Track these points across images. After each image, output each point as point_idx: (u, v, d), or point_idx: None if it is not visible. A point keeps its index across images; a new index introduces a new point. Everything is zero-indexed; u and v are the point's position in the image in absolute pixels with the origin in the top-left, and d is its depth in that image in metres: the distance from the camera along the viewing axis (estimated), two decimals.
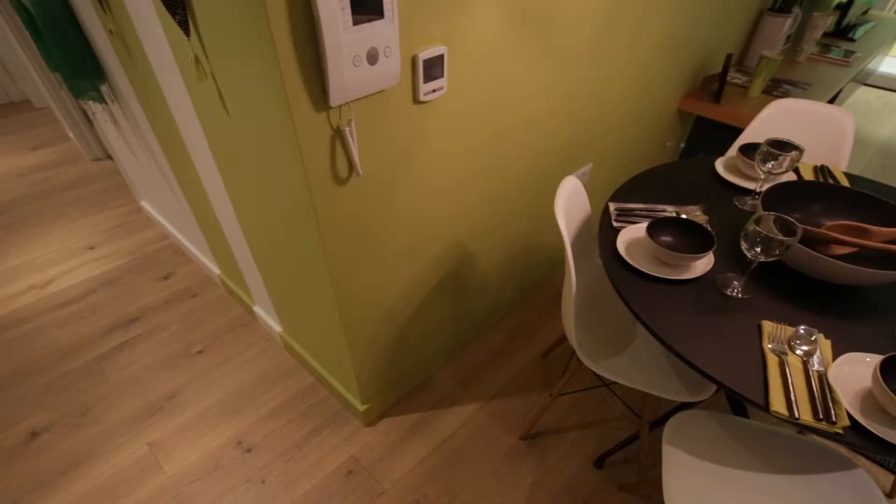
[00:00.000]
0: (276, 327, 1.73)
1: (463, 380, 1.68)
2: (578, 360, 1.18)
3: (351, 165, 0.94)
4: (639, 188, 1.26)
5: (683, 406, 1.20)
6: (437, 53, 0.91)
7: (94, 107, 1.91)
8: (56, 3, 1.40)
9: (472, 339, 1.80)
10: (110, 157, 2.93)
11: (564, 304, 1.12)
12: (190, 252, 2.14)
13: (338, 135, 0.88)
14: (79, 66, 1.52)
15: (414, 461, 1.45)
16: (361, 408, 1.47)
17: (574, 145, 1.57)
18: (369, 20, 0.75)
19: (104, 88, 1.65)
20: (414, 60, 0.90)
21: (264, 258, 1.40)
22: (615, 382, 1.56)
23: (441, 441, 1.50)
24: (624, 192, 1.24)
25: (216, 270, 1.98)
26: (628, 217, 1.13)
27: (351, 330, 1.24)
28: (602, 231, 1.11)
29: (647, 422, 1.29)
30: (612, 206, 1.16)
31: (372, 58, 0.79)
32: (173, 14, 0.87)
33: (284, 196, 1.01)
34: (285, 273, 1.32)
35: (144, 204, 2.39)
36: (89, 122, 2.76)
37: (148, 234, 2.33)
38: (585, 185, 1.78)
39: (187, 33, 0.90)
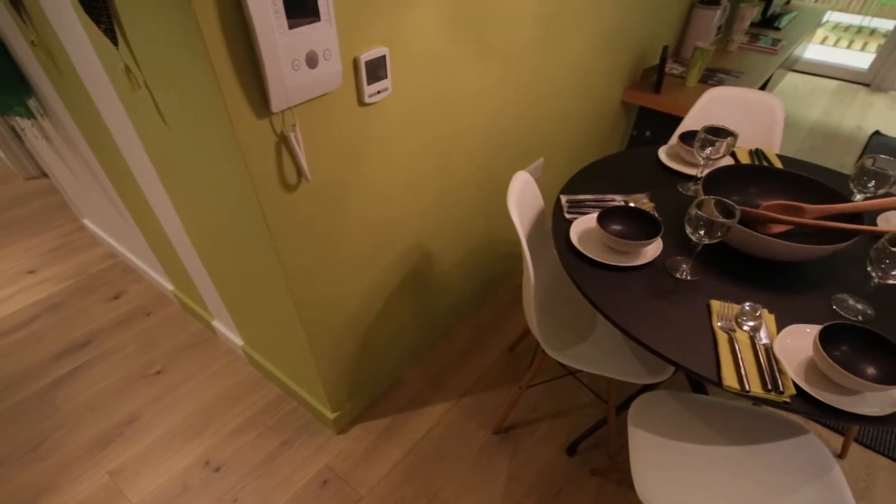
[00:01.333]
0: (238, 341, 1.68)
1: (433, 379, 1.68)
2: (544, 351, 1.20)
3: (299, 171, 0.92)
4: (588, 179, 1.28)
5: (646, 388, 1.24)
6: (378, 55, 0.90)
7: (21, 122, 1.79)
8: None
9: (439, 338, 1.81)
10: (46, 175, 2.76)
11: (525, 297, 1.13)
12: (140, 269, 2.05)
13: (283, 141, 0.86)
14: (1, 81, 1.42)
15: (389, 465, 1.44)
16: (331, 416, 1.45)
17: (524, 141, 1.59)
18: (306, 23, 0.74)
19: (31, 103, 1.56)
20: (356, 62, 0.89)
21: (218, 271, 1.35)
22: (580, 370, 1.59)
23: (415, 442, 1.50)
24: (574, 184, 1.26)
25: (169, 287, 1.90)
26: (579, 208, 1.15)
27: (314, 338, 1.22)
28: (555, 223, 1.13)
29: (614, 406, 1.33)
30: (563, 199, 1.18)
31: (312, 61, 0.77)
32: (98, 23, 0.83)
33: (232, 206, 0.98)
34: (241, 285, 1.28)
35: (87, 222, 2.27)
36: (19, 139, 2.60)
37: (93, 254, 2.22)
38: (538, 179, 1.81)
39: (115, 42, 0.85)
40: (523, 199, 1.14)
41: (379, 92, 0.95)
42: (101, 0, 0.79)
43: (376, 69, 0.91)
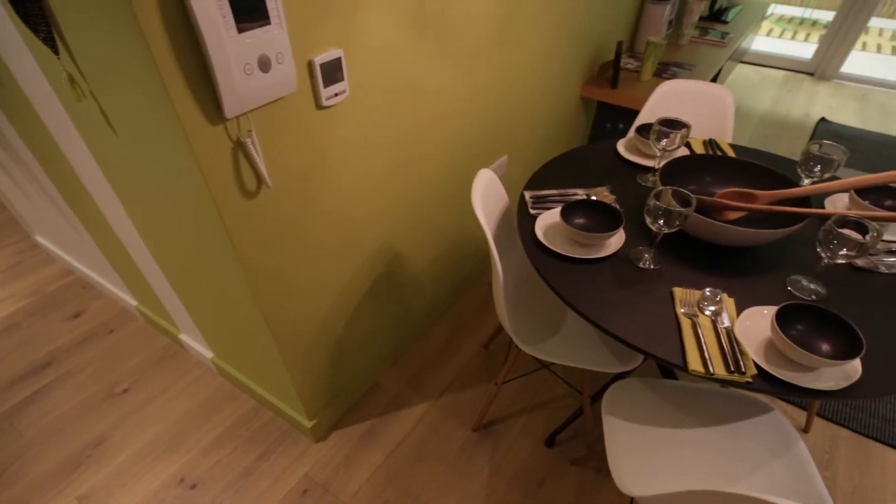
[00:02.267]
0: (207, 353, 1.64)
1: (410, 380, 1.67)
2: (518, 346, 1.20)
3: (259, 178, 0.90)
4: (550, 175, 1.30)
5: (618, 377, 1.27)
6: (333, 57, 0.89)
7: None
8: None
9: (415, 338, 1.80)
10: None
11: (495, 294, 1.14)
12: (100, 285, 1.98)
13: (240, 147, 0.84)
14: None
15: (371, 469, 1.43)
16: (309, 424, 1.43)
17: (488, 139, 1.60)
18: (256, 26, 0.72)
19: None
20: (310, 65, 0.87)
21: (182, 283, 1.32)
22: (554, 363, 1.61)
23: (396, 445, 1.49)
24: (537, 180, 1.27)
25: (132, 302, 1.84)
26: (543, 203, 1.16)
27: (285, 346, 1.20)
28: (520, 219, 1.14)
29: (588, 396, 1.35)
30: (527, 195, 1.19)
31: (264, 65, 0.76)
32: (35, 31, 0.79)
33: (191, 216, 0.95)
34: (207, 296, 1.25)
35: (40, 239, 2.17)
36: None
37: (49, 272, 2.13)
38: (504, 176, 1.82)
39: (55, 51, 0.82)
40: (488, 196, 1.15)
41: (337, 94, 0.94)
42: (38, 8, 0.76)
43: (333, 71, 0.90)
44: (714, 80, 2.49)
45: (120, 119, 0.87)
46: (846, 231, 0.85)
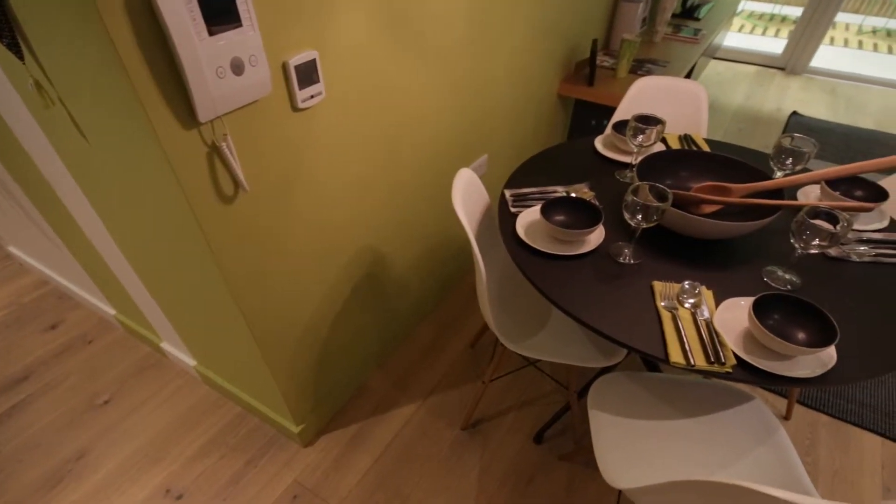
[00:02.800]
0: (190, 361, 1.61)
1: (397, 382, 1.67)
2: (503, 344, 1.21)
3: (236, 182, 0.89)
4: (530, 173, 1.31)
5: (603, 371, 1.28)
6: (308, 59, 0.88)
7: None
8: None
9: (401, 340, 1.80)
10: None
11: (479, 293, 1.14)
12: (77, 295, 1.93)
13: (215, 151, 0.83)
14: None
15: (360, 472, 1.42)
16: (296, 429, 1.42)
17: (467, 139, 1.60)
18: (227, 29, 0.71)
19: None
20: (285, 67, 0.86)
21: (162, 291, 1.29)
22: (540, 360, 1.62)
23: (384, 447, 1.49)
24: (517, 179, 1.28)
25: (111, 311, 1.80)
26: (524, 201, 1.17)
27: (269, 351, 1.18)
28: (501, 218, 1.14)
29: (575, 392, 1.36)
30: (507, 193, 1.20)
31: (237, 68, 0.75)
32: None
33: (167, 223, 0.94)
34: (188, 303, 1.23)
35: (13, 250, 2.12)
36: None
37: (22, 283, 2.07)
38: (485, 175, 1.83)
39: (21, 57, 0.80)
40: (468, 196, 1.15)
41: (312, 96, 0.93)
42: (0, 13, 0.74)
43: (308, 73, 0.89)
44: (688, 76, 2.53)
45: (90, 126, 0.85)
46: (818, 222, 0.87)
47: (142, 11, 0.65)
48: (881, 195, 1.11)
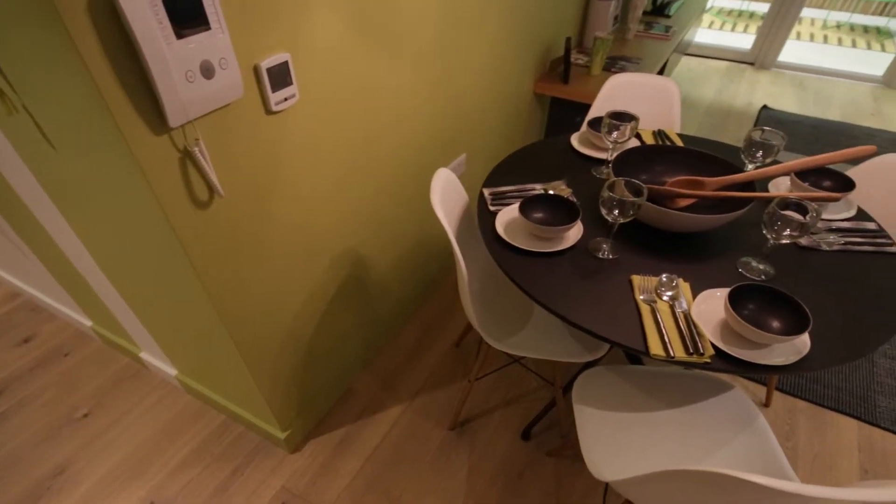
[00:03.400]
0: (171, 371, 1.58)
1: (383, 384, 1.66)
2: (488, 343, 1.21)
3: (210, 187, 0.88)
4: (508, 171, 1.31)
5: (587, 366, 1.29)
6: (280, 61, 0.87)
7: None
8: None
9: (385, 341, 1.79)
10: None
11: (461, 292, 1.14)
12: (51, 307, 1.88)
13: (187, 156, 0.81)
14: None
15: (349, 476, 1.42)
16: (282, 435, 1.40)
17: (445, 138, 1.61)
18: (196, 31, 0.70)
19: None
20: (257, 70, 0.85)
21: (139, 300, 1.27)
22: (524, 357, 1.63)
23: (373, 450, 1.48)
24: (495, 177, 1.28)
25: (87, 322, 1.76)
26: (502, 200, 1.17)
27: (251, 357, 1.17)
28: (481, 216, 1.14)
29: (560, 387, 1.37)
30: (486, 192, 1.20)
31: (207, 71, 0.73)
32: None
33: (142, 230, 0.92)
34: (166, 311, 1.20)
35: None
36: None
37: None
38: (464, 175, 1.83)
39: None
40: (447, 195, 1.15)
41: (286, 99, 0.92)
42: None
43: (281, 76, 0.88)
44: (661, 72, 2.57)
45: (57, 133, 0.83)
46: (788, 212, 0.89)
47: (105, 14, 0.63)
48: (848, 185, 1.14)
